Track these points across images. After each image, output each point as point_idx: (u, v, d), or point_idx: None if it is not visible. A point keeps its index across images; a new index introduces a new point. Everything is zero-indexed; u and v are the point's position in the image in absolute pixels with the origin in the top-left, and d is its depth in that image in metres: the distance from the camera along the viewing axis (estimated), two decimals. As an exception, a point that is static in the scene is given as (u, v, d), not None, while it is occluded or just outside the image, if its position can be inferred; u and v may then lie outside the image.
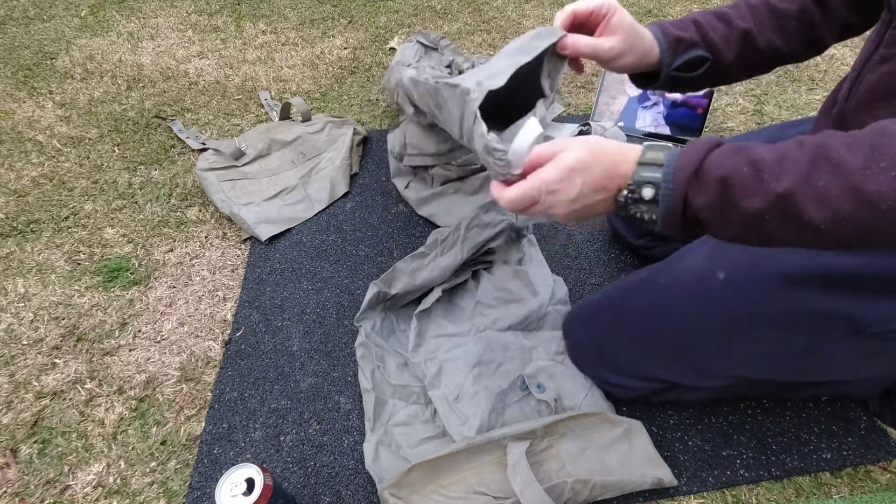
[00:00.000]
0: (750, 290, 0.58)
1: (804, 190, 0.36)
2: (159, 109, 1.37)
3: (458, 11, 1.75)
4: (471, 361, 0.78)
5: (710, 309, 0.62)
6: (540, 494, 0.61)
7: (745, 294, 0.59)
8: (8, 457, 0.75)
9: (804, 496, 0.70)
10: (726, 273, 0.60)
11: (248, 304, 0.94)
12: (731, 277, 0.60)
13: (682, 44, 0.60)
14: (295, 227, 1.07)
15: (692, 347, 0.64)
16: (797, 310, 0.55)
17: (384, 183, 1.16)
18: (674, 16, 1.74)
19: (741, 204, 0.38)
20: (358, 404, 0.80)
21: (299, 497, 0.71)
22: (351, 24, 1.70)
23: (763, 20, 0.61)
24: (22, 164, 1.21)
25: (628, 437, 0.70)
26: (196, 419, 0.79)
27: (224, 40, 1.64)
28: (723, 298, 0.60)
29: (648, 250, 0.95)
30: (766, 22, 0.61)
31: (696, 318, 0.63)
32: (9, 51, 1.59)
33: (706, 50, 0.60)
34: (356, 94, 1.42)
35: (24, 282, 0.97)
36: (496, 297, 0.88)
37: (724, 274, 0.60)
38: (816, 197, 0.36)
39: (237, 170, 1.13)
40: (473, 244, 0.88)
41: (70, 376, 0.84)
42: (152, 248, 1.03)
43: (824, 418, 0.77)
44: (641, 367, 0.69)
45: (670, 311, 0.65)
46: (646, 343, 0.67)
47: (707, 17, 0.62)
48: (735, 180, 0.39)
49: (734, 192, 0.39)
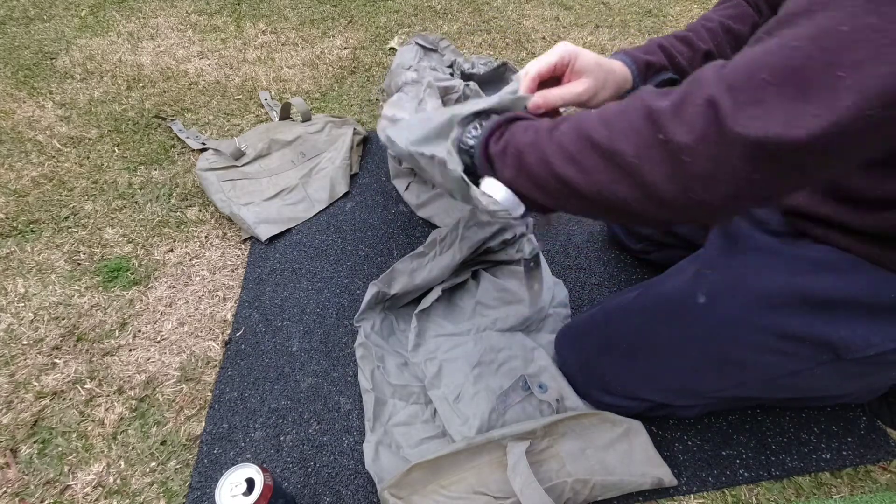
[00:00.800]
0: (730, 314, 0.58)
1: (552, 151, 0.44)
2: (159, 109, 1.37)
3: (458, 11, 1.76)
4: (471, 361, 0.78)
5: (692, 333, 0.62)
6: (540, 494, 0.61)
7: (725, 318, 0.59)
8: (8, 457, 0.75)
9: (804, 496, 0.70)
10: (707, 297, 0.60)
11: (248, 304, 0.94)
12: (711, 301, 0.60)
13: (652, 68, 0.60)
14: (295, 227, 1.07)
15: (677, 371, 0.64)
16: (777, 334, 0.55)
17: (384, 183, 1.16)
18: (673, 16, 1.74)
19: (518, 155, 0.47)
20: (358, 404, 0.80)
21: (299, 497, 0.71)
22: (351, 24, 1.70)
23: (721, 41, 0.63)
24: (22, 164, 1.21)
25: (628, 437, 0.70)
26: (196, 419, 0.79)
27: (224, 40, 1.64)
28: (705, 323, 0.60)
29: (647, 255, 0.95)
30: (723, 43, 0.63)
31: (680, 343, 0.63)
32: (9, 51, 1.59)
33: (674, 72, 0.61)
34: (356, 94, 1.42)
35: (24, 282, 0.97)
36: (496, 297, 0.88)
37: (704, 298, 0.60)
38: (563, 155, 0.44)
39: (237, 170, 1.13)
40: (472, 243, 0.88)
41: (70, 376, 0.84)
42: (152, 248, 1.03)
43: (824, 418, 0.77)
44: (630, 389, 0.69)
45: (654, 335, 0.65)
46: (632, 367, 0.67)
47: (670, 40, 0.62)
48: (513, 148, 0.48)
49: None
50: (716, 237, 0.66)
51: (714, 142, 0.36)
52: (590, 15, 1.72)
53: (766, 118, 0.34)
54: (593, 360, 0.72)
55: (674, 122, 0.38)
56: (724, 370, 0.61)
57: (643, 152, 0.39)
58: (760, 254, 0.59)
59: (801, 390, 0.62)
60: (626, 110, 0.41)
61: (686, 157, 0.37)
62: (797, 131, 0.33)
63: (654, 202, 0.40)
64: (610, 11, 1.74)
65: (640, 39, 1.62)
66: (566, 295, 0.90)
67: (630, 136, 0.40)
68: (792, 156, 0.35)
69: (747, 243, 0.61)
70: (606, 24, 1.69)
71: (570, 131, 0.44)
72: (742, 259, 0.60)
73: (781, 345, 0.55)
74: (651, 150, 0.39)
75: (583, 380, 0.73)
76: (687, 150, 0.37)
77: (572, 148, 0.43)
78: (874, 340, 0.50)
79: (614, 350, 0.69)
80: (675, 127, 0.37)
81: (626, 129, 0.40)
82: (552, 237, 1.04)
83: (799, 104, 0.34)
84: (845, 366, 0.53)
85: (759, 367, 0.58)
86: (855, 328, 0.51)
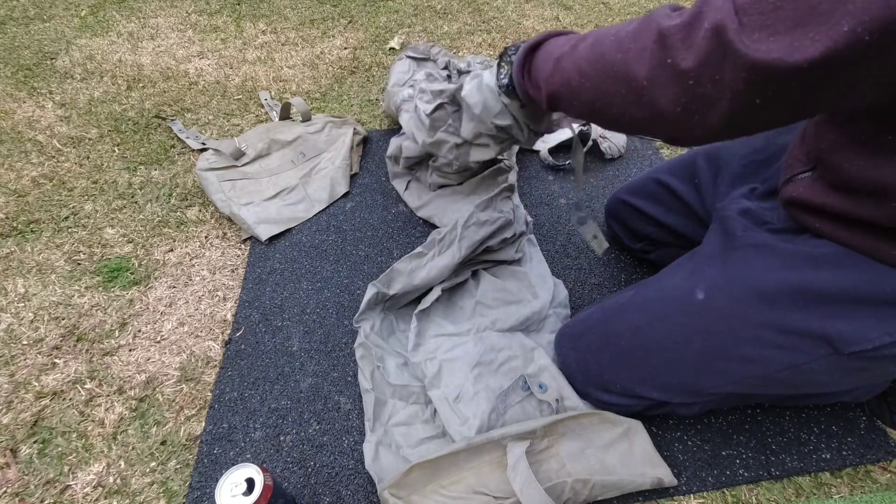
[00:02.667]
0: (729, 309, 0.59)
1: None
2: (159, 109, 1.37)
3: (458, 11, 1.76)
4: (471, 361, 0.78)
5: (691, 329, 0.62)
6: (540, 494, 0.61)
7: (723, 313, 0.59)
8: (8, 457, 0.75)
9: (804, 496, 0.70)
10: (705, 293, 0.61)
11: (248, 304, 0.94)
12: (710, 297, 0.60)
13: None
14: (295, 227, 1.07)
15: (676, 368, 0.64)
16: (775, 328, 0.55)
17: (384, 183, 1.16)
18: (674, 16, 1.73)
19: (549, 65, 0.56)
20: (358, 404, 0.80)
21: (299, 497, 0.71)
22: (351, 24, 1.70)
23: None
24: (22, 164, 1.21)
25: (628, 436, 0.70)
26: (196, 419, 0.79)
27: (224, 40, 1.64)
28: (704, 318, 0.61)
29: (646, 254, 0.95)
30: None
31: (679, 339, 0.63)
32: (9, 51, 1.59)
33: None
34: (356, 94, 1.42)
35: (24, 282, 0.97)
36: (496, 297, 0.88)
37: (703, 294, 0.61)
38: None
39: (237, 170, 1.13)
40: (471, 242, 0.88)
41: (70, 376, 0.84)
42: (152, 248, 1.03)
43: (824, 418, 0.77)
44: (629, 387, 0.69)
45: (652, 333, 0.65)
46: (631, 365, 0.67)
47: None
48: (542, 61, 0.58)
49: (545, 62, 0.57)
50: (714, 234, 0.66)
51: (718, 64, 0.38)
52: (590, 15, 1.72)
53: (769, 41, 0.36)
54: (592, 359, 0.72)
55: (682, 47, 0.40)
56: (723, 366, 0.61)
57: (654, 74, 0.43)
58: (758, 249, 0.59)
59: (800, 386, 0.62)
60: (639, 32, 0.45)
61: (692, 80, 0.40)
62: (797, 55, 0.35)
63: (662, 121, 0.45)
64: (610, 11, 1.74)
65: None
66: (566, 295, 0.90)
67: (643, 59, 0.44)
68: (790, 81, 0.36)
69: (745, 240, 0.61)
70: (606, 24, 1.69)
71: (588, 52, 0.49)
72: (740, 255, 0.60)
73: (780, 339, 0.55)
74: (661, 72, 0.42)
75: (582, 378, 0.73)
76: (693, 74, 0.40)
77: (590, 70, 0.49)
78: (871, 335, 0.50)
79: (613, 348, 0.69)
80: (683, 52, 0.40)
81: (639, 52, 0.44)
82: (552, 237, 1.04)
83: (800, 29, 0.35)
84: (843, 360, 0.53)
85: (757, 362, 0.58)
86: (852, 322, 0.51)
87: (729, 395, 0.66)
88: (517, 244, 0.95)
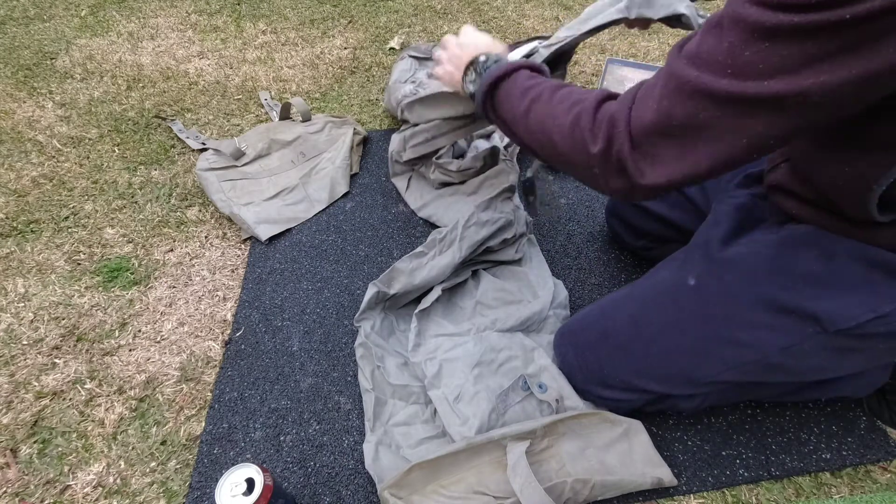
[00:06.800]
0: (720, 292, 0.61)
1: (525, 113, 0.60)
2: (159, 109, 1.37)
3: (458, 11, 1.76)
4: (471, 361, 0.78)
5: (686, 315, 0.64)
6: (540, 494, 0.61)
7: (716, 296, 0.62)
8: (8, 457, 0.75)
9: (804, 496, 0.70)
10: (696, 279, 0.64)
11: (248, 304, 0.94)
12: (701, 283, 0.63)
13: None
14: (295, 227, 1.07)
15: (674, 357, 0.65)
16: (766, 307, 0.58)
17: (384, 183, 1.16)
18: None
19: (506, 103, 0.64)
20: (358, 404, 0.80)
21: (299, 497, 0.71)
22: (351, 24, 1.70)
23: None
24: (22, 164, 1.21)
25: (628, 436, 0.70)
26: (196, 419, 0.79)
27: (224, 40, 1.64)
28: (696, 304, 0.63)
29: (648, 251, 0.95)
30: None
31: (674, 327, 0.65)
32: (9, 51, 1.59)
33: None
34: (356, 94, 1.42)
35: (24, 282, 0.97)
36: (496, 297, 0.88)
37: (694, 280, 0.64)
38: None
39: (237, 170, 1.13)
40: (472, 242, 0.88)
41: (70, 376, 0.84)
42: (152, 248, 1.03)
43: (824, 418, 0.77)
44: (629, 381, 0.69)
45: (648, 322, 0.67)
46: (630, 358, 0.68)
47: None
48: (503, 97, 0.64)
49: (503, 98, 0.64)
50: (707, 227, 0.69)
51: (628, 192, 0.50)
52: (590, 15, 1.72)
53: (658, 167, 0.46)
54: (591, 354, 0.72)
55: (588, 138, 0.50)
56: (719, 351, 0.62)
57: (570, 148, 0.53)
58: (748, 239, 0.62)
59: (796, 372, 0.64)
60: (564, 110, 0.54)
61: (596, 168, 0.51)
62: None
63: (580, 174, 0.55)
64: (610, 11, 1.74)
65: (639, 39, 1.62)
66: (566, 296, 0.90)
67: (563, 135, 0.54)
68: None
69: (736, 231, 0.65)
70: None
71: (538, 111, 0.58)
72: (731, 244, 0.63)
73: (770, 319, 0.58)
74: (574, 149, 0.52)
75: (582, 375, 0.74)
76: (594, 161, 0.50)
77: (533, 125, 0.58)
78: (855, 312, 0.52)
79: (611, 341, 0.70)
80: (588, 144, 0.50)
81: (559, 128, 0.54)
82: (552, 237, 1.04)
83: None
84: (831, 339, 0.55)
85: (751, 346, 0.60)
86: (837, 301, 0.53)
87: (728, 386, 0.67)
88: (517, 244, 0.95)
